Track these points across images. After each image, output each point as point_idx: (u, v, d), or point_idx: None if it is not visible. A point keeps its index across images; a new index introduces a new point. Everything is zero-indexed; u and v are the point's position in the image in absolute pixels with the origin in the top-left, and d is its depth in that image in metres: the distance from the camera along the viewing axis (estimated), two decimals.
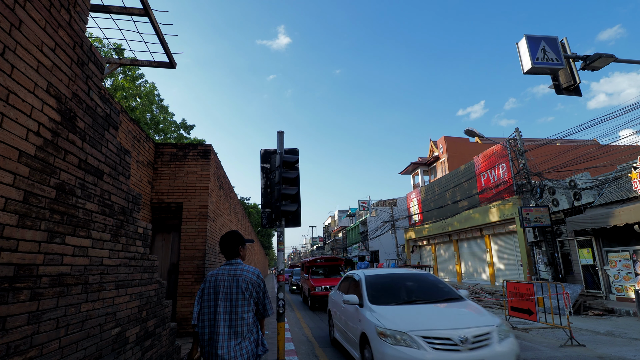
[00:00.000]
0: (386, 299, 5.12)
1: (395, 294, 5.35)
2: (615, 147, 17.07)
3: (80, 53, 2.56)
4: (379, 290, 5.39)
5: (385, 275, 6.00)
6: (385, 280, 5.75)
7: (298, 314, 11.84)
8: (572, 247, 14.09)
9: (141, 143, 6.48)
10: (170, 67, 5.49)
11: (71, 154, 2.37)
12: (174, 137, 18.66)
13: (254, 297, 2.60)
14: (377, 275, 5.96)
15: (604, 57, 7.27)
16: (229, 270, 2.61)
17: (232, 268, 2.63)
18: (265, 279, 46.27)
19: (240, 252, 2.69)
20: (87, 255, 2.53)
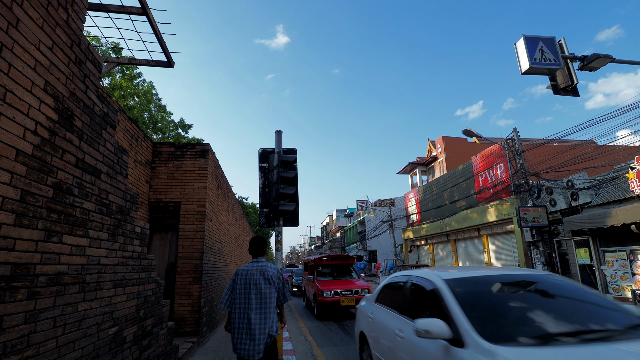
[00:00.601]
0: (513, 329, 2.55)
1: (526, 317, 2.72)
2: (612, 148, 17.14)
3: (78, 52, 2.55)
4: (489, 309, 2.82)
5: (489, 278, 3.27)
6: (498, 291, 3.07)
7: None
8: (570, 247, 14.14)
9: (139, 142, 6.46)
10: (168, 66, 5.48)
11: (68, 152, 2.36)
12: (172, 136, 18.62)
13: (276, 286, 3.32)
14: (473, 280, 3.27)
15: (602, 58, 7.30)
16: (257, 267, 3.32)
17: (259, 265, 3.34)
18: None
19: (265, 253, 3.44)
20: (84, 255, 2.53)
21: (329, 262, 12.37)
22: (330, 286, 10.74)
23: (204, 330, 7.02)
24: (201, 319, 6.81)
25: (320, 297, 10.36)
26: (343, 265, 12.72)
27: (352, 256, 12.87)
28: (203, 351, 6.35)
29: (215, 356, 6.01)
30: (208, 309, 7.50)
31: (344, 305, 10.15)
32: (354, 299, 10.20)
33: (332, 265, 12.59)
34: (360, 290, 10.53)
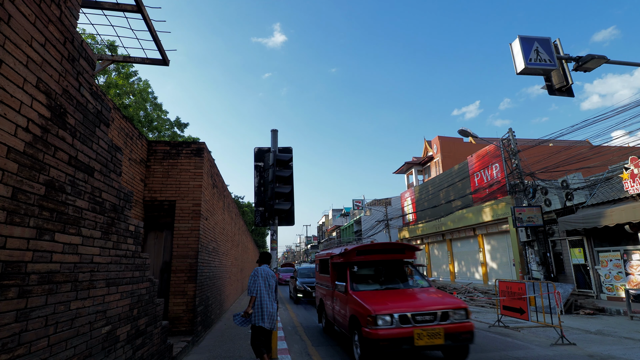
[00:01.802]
0: None
1: None
2: (606, 148, 17.28)
3: (71, 49, 2.54)
4: None
5: None
6: None
7: None
8: (564, 246, 14.24)
9: (134, 140, 6.43)
10: (163, 64, 5.45)
11: (61, 150, 2.35)
12: (168, 135, 18.53)
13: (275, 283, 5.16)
14: None
15: (596, 59, 7.35)
16: (267, 269, 5.12)
17: (267, 268, 5.13)
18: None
19: None
20: (77, 253, 2.51)
21: (373, 258, 6.80)
22: (387, 304, 5.37)
23: (198, 329, 7.00)
24: (196, 318, 6.79)
25: (370, 329, 5.03)
26: (396, 264, 7.16)
27: (410, 245, 7.13)
28: (198, 350, 6.33)
29: (210, 355, 6.00)
30: (203, 308, 7.48)
31: (421, 346, 4.98)
32: (441, 331, 5.04)
33: (378, 264, 7.07)
34: (452, 313, 5.23)
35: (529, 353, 6.15)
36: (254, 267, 5.18)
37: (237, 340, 7.11)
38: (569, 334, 7.48)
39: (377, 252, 6.89)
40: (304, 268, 17.11)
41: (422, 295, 5.89)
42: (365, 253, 6.81)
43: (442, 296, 5.83)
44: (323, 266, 8.69)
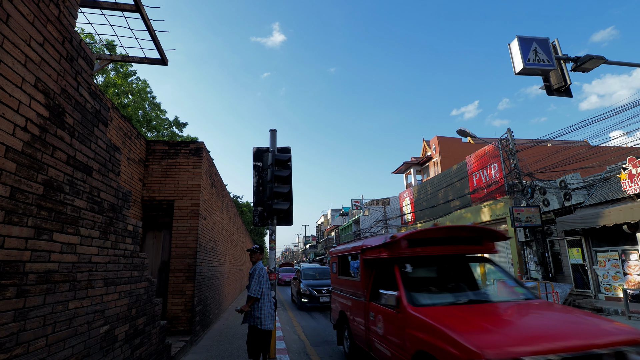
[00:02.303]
0: None
1: None
2: (605, 148, 17.33)
3: (70, 48, 2.53)
4: None
5: None
6: None
7: None
8: (562, 246, 14.27)
9: (132, 140, 6.42)
10: (162, 64, 5.45)
11: (59, 150, 2.35)
12: (167, 134, 18.52)
13: None
14: None
15: (595, 59, 7.37)
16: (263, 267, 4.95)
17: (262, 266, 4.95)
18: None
19: None
20: (75, 252, 2.51)
21: (436, 251, 4.41)
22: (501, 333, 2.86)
23: (197, 329, 7.00)
24: (194, 318, 6.78)
25: None
26: (467, 261, 5.21)
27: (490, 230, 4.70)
28: (196, 350, 6.33)
29: (208, 355, 6.00)
30: (201, 307, 7.48)
31: None
32: None
33: (442, 261, 4.93)
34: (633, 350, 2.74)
35: None
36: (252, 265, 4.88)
37: (236, 340, 7.11)
38: None
39: (441, 242, 4.39)
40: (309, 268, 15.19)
41: (550, 316, 3.35)
42: (424, 243, 4.26)
43: (586, 317, 3.28)
44: (344, 266, 6.70)
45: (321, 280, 13.60)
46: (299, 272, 14.74)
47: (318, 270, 14.76)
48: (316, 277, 13.93)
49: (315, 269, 14.88)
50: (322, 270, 14.80)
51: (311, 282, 13.27)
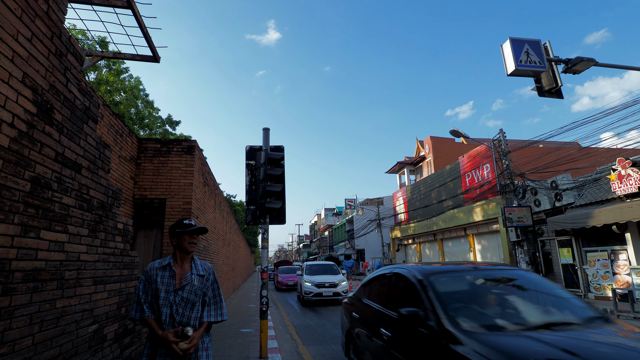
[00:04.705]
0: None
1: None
2: (595, 150, 17.56)
3: (59, 44, 2.50)
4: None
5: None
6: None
7: None
8: (553, 246, 14.45)
9: (124, 138, 6.36)
10: (154, 61, 5.40)
11: (47, 146, 2.32)
12: (160, 132, 18.38)
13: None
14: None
15: (585, 61, 7.46)
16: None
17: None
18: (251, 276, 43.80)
19: None
20: (63, 251, 2.48)
21: None
22: None
23: None
24: None
25: None
26: None
27: None
28: None
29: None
30: None
31: None
32: None
33: None
34: None
35: None
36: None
37: (227, 339, 7.09)
38: None
39: None
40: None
41: None
42: None
43: None
44: None
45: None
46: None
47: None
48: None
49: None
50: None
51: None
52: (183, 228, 2.47)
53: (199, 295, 2.47)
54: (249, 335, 7.34)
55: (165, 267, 2.47)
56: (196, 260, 2.59)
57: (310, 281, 13.18)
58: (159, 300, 2.37)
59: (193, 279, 2.47)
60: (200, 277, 2.52)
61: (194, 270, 2.52)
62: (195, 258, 2.60)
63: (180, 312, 2.38)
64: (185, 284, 2.44)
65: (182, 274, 2.48)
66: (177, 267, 2.48)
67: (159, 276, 2.43)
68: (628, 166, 11.14)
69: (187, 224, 2.50)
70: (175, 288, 2.41)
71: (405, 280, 3.43)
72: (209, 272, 2.60)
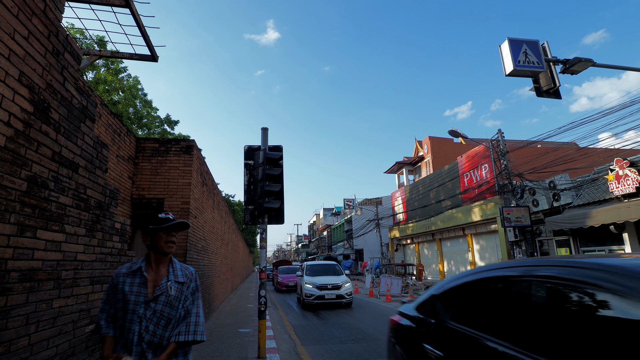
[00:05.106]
0: None
1: None
2: (593, 150, 17.61)
3: (56, 42, 2.49)
4: None
5: None
6: None
7: None
8: (551, 246, 14.48)
9: (122, 137, 6.35)
10: (152, 60, 5.39)
11: (44, 145, 2.31)
12: (158, 132, 18.34)
13: None
14: None
15: (583, 62, 7.48)
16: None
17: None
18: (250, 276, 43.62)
19: None
20: (60, 250, 2.47)
21: None
22: None
23: None
24: None
25: None
26: None
27: None
28: None
29: (197, 355, 5.96)
30: None
31: None
32: None
33: None
34: None
35: None
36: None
37: (226, 339, 7.08)
38: None
39: None
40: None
41: None
42: None
43: None
44: None
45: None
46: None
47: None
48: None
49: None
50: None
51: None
52: (158, 223, 2.00)
53: (177, 308, 1.96)
54: (247, 336, 7.33)
55: (135, 273, 1.98)
56: (175, 264, 2.09)
57: (312, 283, 12.18)
58: (126, 314, 1.90)
59: (169, 287, 1.96)
60: (179, 285, 2.01)
61: (171, 277, 2.01)
62: (175, 261, 2.11)
63: (151, 330, 1.87)
64: (160, 293, 1.93)
65: (156, 280, 1.97)
66: (150, 272, 1.99)
67: (127, 284, 1.94)
68: (625, 166, 11.17)
69: (163, 218, 2.02)
70: (146, 299, 1.91)
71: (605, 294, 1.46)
72: (191, 278, 2.09)
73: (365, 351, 6.36)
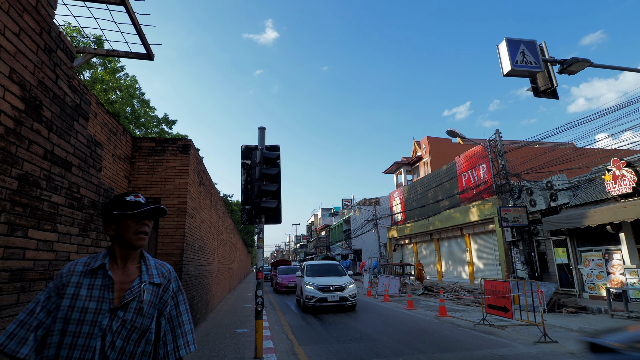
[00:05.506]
0: None
1: None
2: (590, 150, 17.66)
3: (48, 39, 2.46)
4: None
5: None
6: None
7: None
8: (548, 246, 14.50)
9: (118, 136, 6.31)
10: (148, 59, 5.35)
11: (36, 144, 2.27)
12: (156, 132, 18.28)
13: None
14: None
15: (580, 62, 7.48)
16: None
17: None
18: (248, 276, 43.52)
19: None
20: (52, 250, 2.44)
21: None
22: None
23: None
24: None
25: None
26: None
27: None
28: None
29: (194, 355, 5.92)
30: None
31: None
32: None
33: None
34: None
35: (512, 351, 6.24)
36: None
37: (223, 339, 7.05)
38: (552, 332, 7.62)
39: None
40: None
41: None
42: None
43: None
44: None
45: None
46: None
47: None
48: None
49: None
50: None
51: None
52: (125, 209, 1.50)
53: (152, 317, 1.47)
54: (244, 336, 7.30)
55: (96, 272, 1.45)
56: (148, 260, 1.60)
57: (313, 284, 11.50)
58: (80, 328, 1.34)
59: (143, 290, 1.47)
60: (154, 287, 1.52)
61: (144, 277, 1.51)
62: (148, 256, 1.62)
63: (118, 347, 1.37)
64: (131, 298, 1.43)
65: (124, 282, 1.47)
66: (116, 271, 1.49)
67: (84, 286, 1.41)
68: (622, 167, 11.19)
69: (132, 201, 1.53)
70: (112, 306, 1.40)
71: None
72: (169, 277, 1.60)
73: (363, 351, 6.34)
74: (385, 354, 6.15)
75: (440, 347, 6.50)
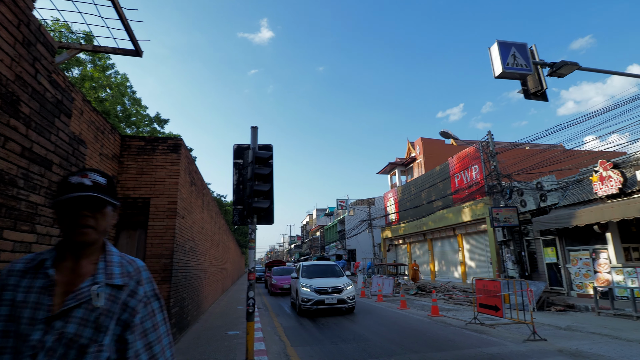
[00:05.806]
0: None
1: None
2: (578, 152, 17.87)
3: (27, 32, 2.37)
4: None
5: None
6: None
7: None
8: (538, 246, 14.64)
9: (105, 135, 6.19)
10: (136, 55, 5.25)
11: (12, 141, 2.19)
12: (147, 131, 18.06)
13: None
14: None
15: (569, 65, 7.56)
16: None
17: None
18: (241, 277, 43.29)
19: None
20: (30, 252, 2.35)
21: None
22: None
23: (173, 331, 6.81)
24: (170, 320, 6.60)
25: None
26: None
27: None
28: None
29: (184, 358, 5.83)
30: (178, 309, 7.28)
31: None
32: None
33: None
34: None
35: (503, 349, 6.25)
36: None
37: (214, 342, 6.96)
38: (541, 330, 7.66)
39: None
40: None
41: None
42: None
43: None
44: None
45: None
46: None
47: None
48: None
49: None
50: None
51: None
52: (61, 193, 1.14)
53: (105, 330, 1.09)
54: (236, 338, 7.22)
55: (37, 270, 1.13)
56: (111, 255, 1.23)
57: (309, 286, 10.90)
58: (12, 341, 1.05)
59: (94, 292, 1.11)
60: (114, 290, 1.16)
61: (99, 276, 1.15)
62: (112, 250, 1.25)
63: None
64: (74, 305, 1.08)
65: (71, 283, 1.13)
66: (63, 269, 1.14)
67: (21, 289, 1.10)
68: (609, 168, 11.34)
69: (74, 184, 1.15)
70: (49, 314, 1.07)
71: None
72: (137, 278, 1.22)
73: (356, 352, 6.31)
74: (378, 354, 6.13)
75: (433, 347, 6.49)
